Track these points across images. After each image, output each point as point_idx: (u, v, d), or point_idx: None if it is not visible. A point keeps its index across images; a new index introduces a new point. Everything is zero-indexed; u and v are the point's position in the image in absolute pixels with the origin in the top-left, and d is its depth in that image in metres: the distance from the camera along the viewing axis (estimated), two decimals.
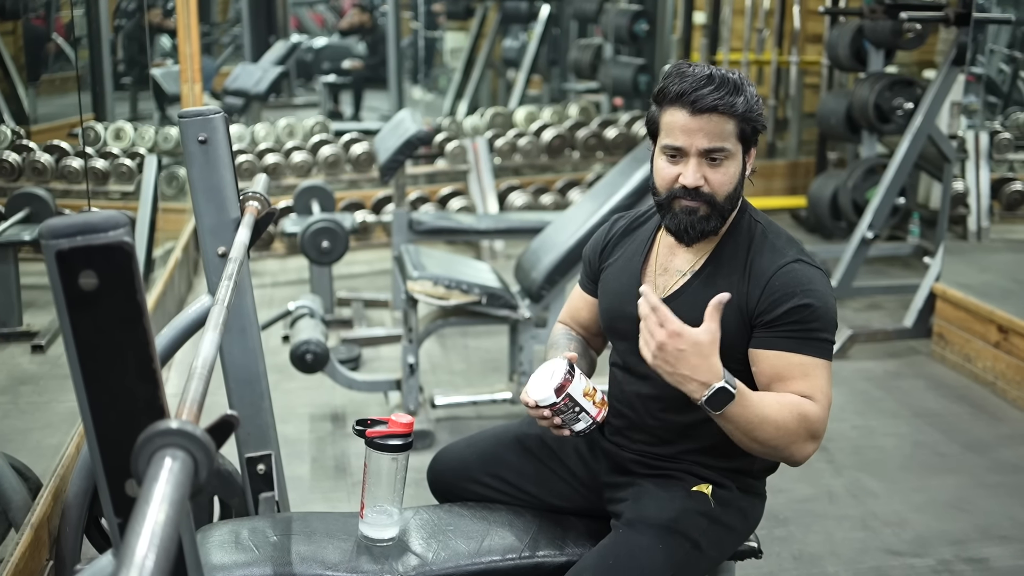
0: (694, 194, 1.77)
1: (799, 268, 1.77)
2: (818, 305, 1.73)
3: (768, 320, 1.74)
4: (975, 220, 5.52)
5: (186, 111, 1.98)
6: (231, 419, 1.04)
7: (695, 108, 1.73)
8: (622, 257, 1.96)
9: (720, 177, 1.77)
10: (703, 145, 1.74)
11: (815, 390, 1.72)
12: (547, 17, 8.49)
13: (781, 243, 1.82)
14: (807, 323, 1.73)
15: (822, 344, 1.74)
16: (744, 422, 1.67)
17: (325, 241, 4.46)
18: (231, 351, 2.06)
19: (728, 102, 1.73)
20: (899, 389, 4.15)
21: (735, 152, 1.77)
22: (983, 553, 2.91)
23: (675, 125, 1.76)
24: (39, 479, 2.47)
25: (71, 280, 1.09)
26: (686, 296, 1.82)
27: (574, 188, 6.58)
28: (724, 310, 1.69)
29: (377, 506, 1.83)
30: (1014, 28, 5.84)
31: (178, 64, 5.46)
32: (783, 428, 1.68)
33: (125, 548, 0.78)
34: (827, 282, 1.80)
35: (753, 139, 1.81)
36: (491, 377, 4.21)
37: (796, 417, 1.69)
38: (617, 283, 1.93)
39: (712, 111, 1.72)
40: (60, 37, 4.18)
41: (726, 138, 1.75)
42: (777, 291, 1.75)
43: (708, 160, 1.76)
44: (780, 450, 1.72)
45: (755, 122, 1.78)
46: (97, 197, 4.48)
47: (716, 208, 1.78)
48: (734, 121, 1.75)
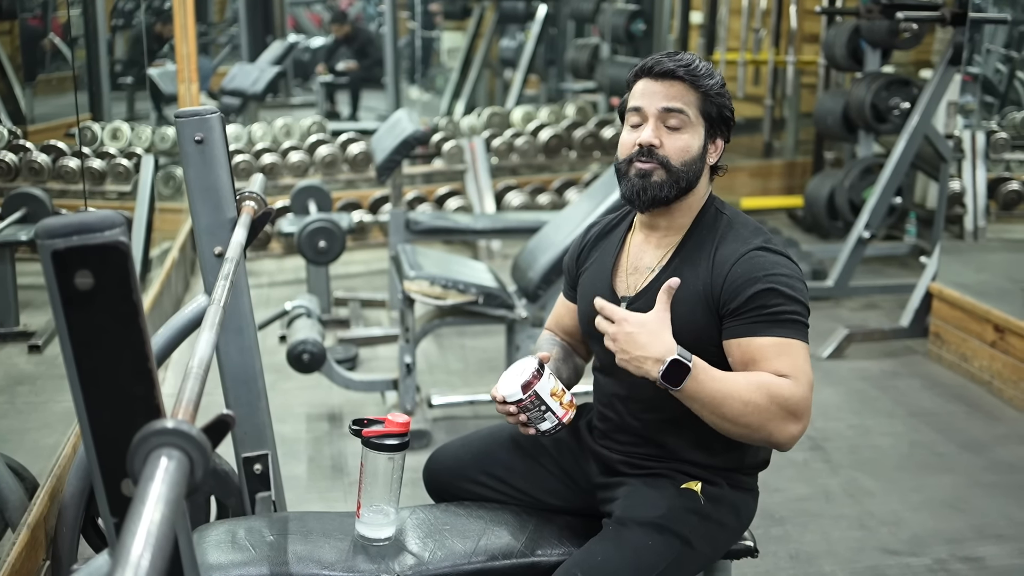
0: (648, 153, 1.81)
1: (761, 255, 1.77)
2: (782, 288, 1.73)
3: (733, 308, 1.75)
4: (971, 220, 5.53)
5: (182, 111, 1.98)
6: (227, 419, 1.04)
7: (655, 73, 1.82)
8: (596, 261, 1.99)
9: (676, 142, 1.81)
10: (661, 104, 1.80)
11: (791, 368, 1.70)
12: (544, 17, 8.49)
13: (746, 232, 1.83)
14: (773, 306, 1.72)
15: (793, 324, 1.73)
16: (708, 398, 1.66)
17: (322, 241, 4.47)
18: (228, 351, 2.06)
19: (690, 71, 1.80)
20: (896, 388, 4.16)
21: (694, 122, 1.82)
22: (979, 552, 2.92)
23: (638, 91, 1.84)
24: (36, 479, 2.47)
25: (67, 280, 1.09)
26: (654, 291, 1.82)
27: (571, 188, 6.58)
28: (691, 302, 1.75)
29: (373, 506, 1.83)
30: (1010, 28, 5.85)
31: (175, 64, 5.45)
32: (751, 404, 1.66)
33: (121, 548, 0.78)
34: (792, 266, 1.79)
35: (719, 127, 1.84)
36: (488, 377, 4.21)
37: (767, 395, 1.66)
38: (591, 287, 1.95)
39: (671, 75, 1.80)
40: (57, 37, 4.18)
41: (686, 104, 1.80)
42: (739, 278, 1.75)
43: (667, 126, 1.81)
44: (756, 429, 1.68)
45: (721, 106, 1.83)
46: (94, 197, 4.48)
47: (671, 173, 1.81)
48: (696, 93, 1.80)
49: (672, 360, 1.64)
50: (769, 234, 1.86)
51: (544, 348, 2.05)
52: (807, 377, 1.71)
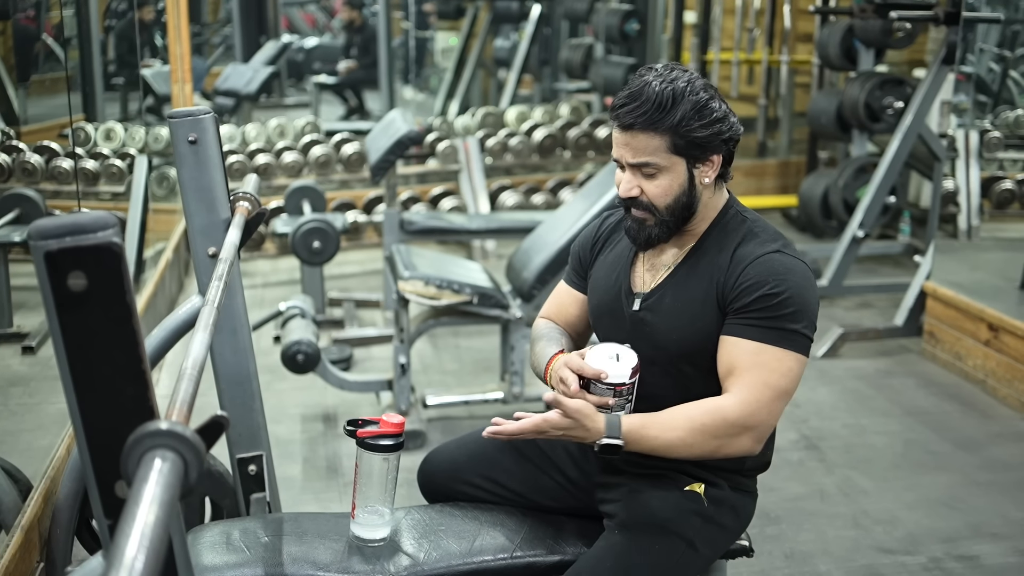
0: (634, 203, 1.82)
1: (778, 258, 1.77)
2: (789, 295, 1.73)
3: (738, 307, 1.75)
4: (965, 218, 5.53)
5: (175, 111, 1.97)
6: (221, 420, 1.04)
7: (619, 125, 1.80)
8: (612, 253, 1.98)
9: (654, 189, 1.80)
10: (630, 159, 1.80)
11: (751, 382, 1.72)
12: (538, 17, 8.48)
13: (766, 236, 1.83)
14: (775, 311, 1.72)
15: (789, 335, 1.73)
16: (651, 452, 1.74)
17: (316, 241, 4.46)
18: (222, 352, 2.06)
19: (649, 119, 1.74)
20: (890, 387, 4.16)
21: (668, 165, 1.78)
22: (974, 551, 2.92)
23: (614, 137, 1.84)
24: (29, 481, 2.46)
25: (60, 281, 1.09)
26: (669, 287, 1.84)
27: (565, 188, 6.58)
28: (702, 301, 1.77)
29: (368, 506, 1.83)
30: (1003, 27, 5.86)
31: (168, 64, 5.45)
32: (696, 444, 1.72)
33: (114, 550, 0.78)
34: (807, 275, 1.78)
35: (702, 150, 1.78)
36: (483, 377, 4.21)
37: (708, 427, 1.71)
38: (607, 280, 1.95)
39: (630, 128, 1.77)
40: (50, 37, 4.17)
41: (653, 152, 1.77)
42: (751, 278, 1.75)
43: (642, 172, 1.80)
44: (712, 453, 1.75)
45: (693, 133, 1.75)
46: (88, 198, 4.47)
47: (658, 216, 1.81)
48: (660, 138, 1.76)
49: (603, 445, 1.70)
50: (788, 240, 1.86)
51: (552, 336, 2.01)
52: (770, 391, 1.72)
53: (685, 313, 1.79)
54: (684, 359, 1.81)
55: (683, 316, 1.79)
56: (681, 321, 1.80)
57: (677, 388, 1.81)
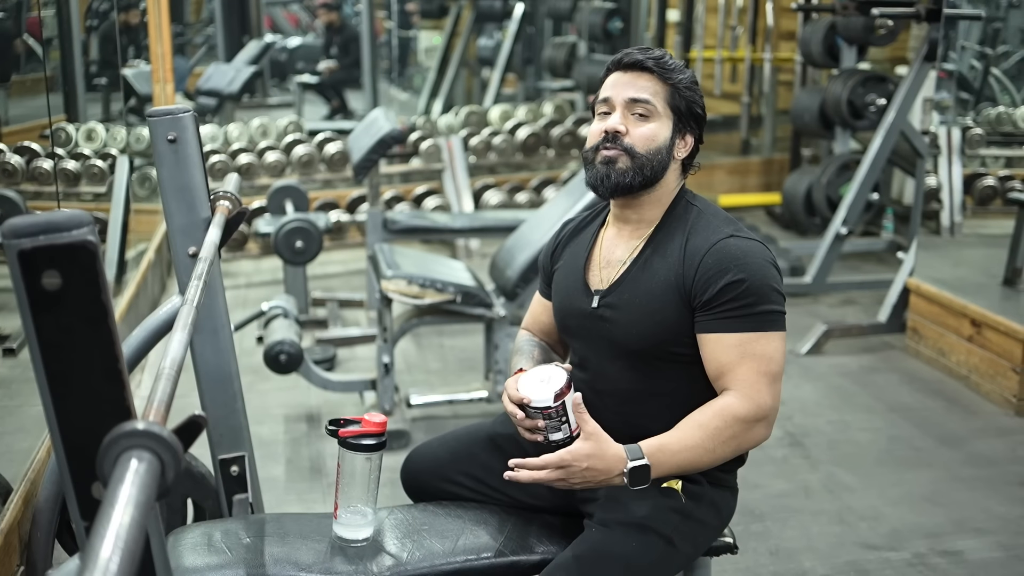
0: (613, 139, 1.82)
1: (732, 243, 1.78)
2: (753, 278, 1.74)
3: (705, 300, 1.76)
4: (948, 215, 5.56)
5: (155, 110, 1.96)
6: (199, 420, 1.03)
7: (624, 65, 1.85)
8: (569, 257, 1.99)
9: (642, 130, 1.82)
10: (628, 94, 1.83)
11: (748, 374, 1.73)
12: (521, 15, 8.49)
13: (717, 222, 1.84)
14: (743, 299, 1.74)
15: (763, 316, 1.75)
16: (678, 470, 1.73)
17: (299, 241, 4.44)
18: (203, 352, 2.04)
19: (660, 63, 1.83)
20: (874, 384, 4.17)
21: (662, 113, 1.83)
22: (958, 546, 2.93)
23: (608, 83, 1.87)
24: (9, 484, 2.44)
25: (34, 280, 1.08)
26: (626, 283, 1.85)
27: (549, 186, 6.58)
28: (661, 295, 1.77)
29: (351, 506, 1.82)
30: (985, 24, 5.89)
31: (149, 64, 5.42)
32: (718, 449, 1.73)
33: (90, 551, 0.77)
34: (764, 252, 1.80)
35: (688, 122, 1.85)
36: (467, 376, 4.20)
37: (724, 430, 1.72)
38: (565, 282, 1.96)
39: (640, 66, 1.83)
40: (31, 37, 4.14)
41: (653, 95, 1.82)
42: (710, 269, 1.76)
43: (633, 115, 1.83)
44: (735, 452, 1.76)
45: (690, 101, 1.84)
46: (69, 199, 4.44)
47: (635, 160, 1.82)
48: (664, 86, 1.83)
49: (631, 469, 1.68)
50: (740, 224, 1.87)
51: (524, 349, 2.03)
52: (769, 376, 1.74)
53: (644, 307, 1.79)
54: (648, 352, 1.81)
55: (642, 310, 1.80)
56: (641, 315, 1.81)
57: (644, 381, 1.83)
